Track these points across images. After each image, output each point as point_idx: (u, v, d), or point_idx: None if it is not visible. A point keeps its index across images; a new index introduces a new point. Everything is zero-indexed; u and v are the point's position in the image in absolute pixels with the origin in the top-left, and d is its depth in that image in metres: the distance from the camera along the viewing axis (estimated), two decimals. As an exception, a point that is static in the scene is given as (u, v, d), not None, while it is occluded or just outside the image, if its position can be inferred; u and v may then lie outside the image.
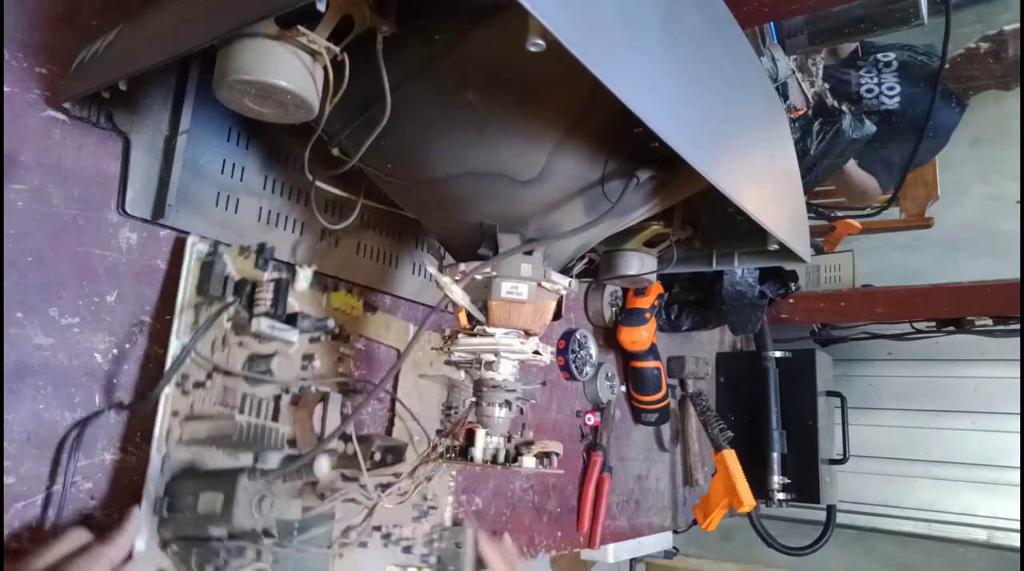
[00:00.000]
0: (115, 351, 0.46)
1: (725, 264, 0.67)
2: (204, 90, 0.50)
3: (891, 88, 1.77)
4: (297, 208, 0.59)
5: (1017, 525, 2.08)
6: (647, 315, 1.08)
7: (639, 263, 0.69)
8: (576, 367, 0.94)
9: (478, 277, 0.50)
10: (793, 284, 1.15)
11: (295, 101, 0.38)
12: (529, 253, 0.50)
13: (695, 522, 1.24)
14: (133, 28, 0.41)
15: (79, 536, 0.42)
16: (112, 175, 0.47)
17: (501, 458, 0.52)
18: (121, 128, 0.47)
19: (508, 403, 0.52)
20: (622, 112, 0.31)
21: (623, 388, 1.13)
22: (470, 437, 0.52)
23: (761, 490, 1.30)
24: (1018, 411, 2.10)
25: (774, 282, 1.15)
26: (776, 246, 0.60)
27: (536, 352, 0.52)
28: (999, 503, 2.19)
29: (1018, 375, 2.08)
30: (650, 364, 1.11)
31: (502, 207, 0.48)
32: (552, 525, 0.92)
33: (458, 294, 0.48)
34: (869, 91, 1.77)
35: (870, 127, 1.17)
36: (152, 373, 0.48)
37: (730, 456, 1.15)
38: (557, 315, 0.55)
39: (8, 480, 0.41)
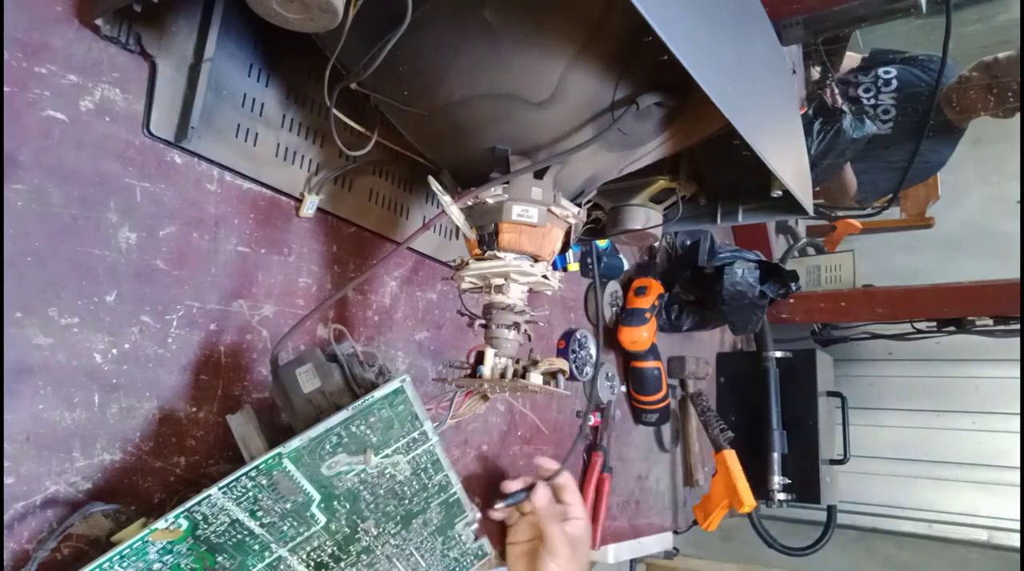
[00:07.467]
0: (114, 351, 0.46)
1: (729, 220, 0.68)
2: (228, 23, 0.52)
3: (886, 112, 1.74)
4: (313, 148, 0.60)
5: (1018, 525, 2.08)
6: (647, 315, 1.08)
7: (645, 217, 0.69)
8: (576, 367, 0.94)
9: (489, 201, 0.51)
10: (794, 284, 1.15)
11: (321, 4, 0.38)
12: (540, 176, 0.51)
13: (695, 522, 1.24)
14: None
15: None
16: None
17: (509, 375, 0.53)
18: (148, 51, 0.48)
19: (517, 325, 0.54)
20: (634, 27, 0.31)
21: (623, 388, 1.13)
22: (479, 358, 0.53)
23: (761, 490, 1.30)
24: (1018, 411, 2.10)
25: (775, 282, 1.14)
26: (780, 193, 0.60)
27: (545, 277, 0.54)
28: (1000, 503, 2.19)
29: (1018, 375, 2.08)
30: (650, 364, 1.11)
31: (515, 130, 0.49)
32: (552, 525, 0.92)
33: (455, 212, 0.51)
34: (864, 112, 1.75)
35: (870, 127, 1.17)
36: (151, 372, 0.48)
37: (730, 456, 1.15)
38: (566, 246, 0.57)
39: (8, 480, 0.41)
